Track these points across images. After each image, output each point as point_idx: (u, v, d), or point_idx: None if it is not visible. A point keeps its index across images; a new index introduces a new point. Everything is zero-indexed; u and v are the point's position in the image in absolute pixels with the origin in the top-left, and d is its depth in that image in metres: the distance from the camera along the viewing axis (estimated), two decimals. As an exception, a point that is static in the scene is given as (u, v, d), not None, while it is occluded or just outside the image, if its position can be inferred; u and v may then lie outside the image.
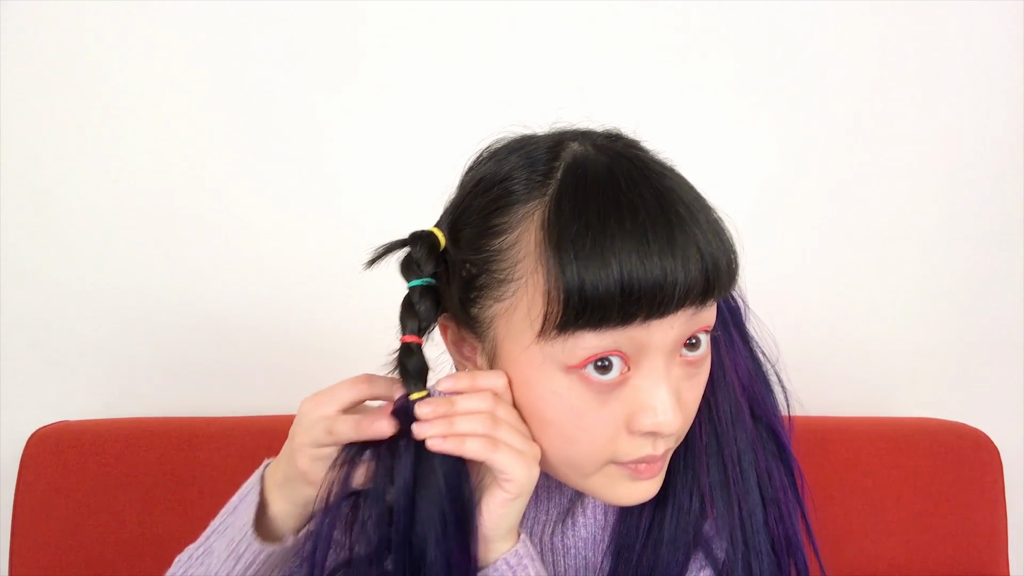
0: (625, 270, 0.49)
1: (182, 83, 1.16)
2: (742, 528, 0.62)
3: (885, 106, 1.24)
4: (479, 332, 0.57)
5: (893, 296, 1.28)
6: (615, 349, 0.52)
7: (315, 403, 0.58)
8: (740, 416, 0.63)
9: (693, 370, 0.56)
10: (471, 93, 1.20)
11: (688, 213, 0.52)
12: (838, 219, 1.26)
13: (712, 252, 0.52)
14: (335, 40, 1.18)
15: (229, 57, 1.17)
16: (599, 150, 0.55)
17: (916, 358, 1.30)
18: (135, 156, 1.17)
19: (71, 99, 1.15)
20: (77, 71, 1.15)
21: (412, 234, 0.59)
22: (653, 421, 0.53)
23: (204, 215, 1.18)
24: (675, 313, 0.52)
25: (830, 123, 1.24)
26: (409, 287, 0.58)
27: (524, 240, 0.53)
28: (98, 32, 1.15)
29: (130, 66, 1.16)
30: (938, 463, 1.10)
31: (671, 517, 0.63)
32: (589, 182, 0.53)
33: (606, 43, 1.20)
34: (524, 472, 0.54)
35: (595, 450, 0.55)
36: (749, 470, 0.63)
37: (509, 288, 0.54)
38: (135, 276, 1.19)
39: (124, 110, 1.16)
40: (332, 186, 1.20)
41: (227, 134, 1.18)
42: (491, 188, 0.56)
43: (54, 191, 1.17)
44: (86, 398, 1.19)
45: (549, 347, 0.52)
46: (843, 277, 1.27)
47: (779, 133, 1.23)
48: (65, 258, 1.18)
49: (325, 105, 1.19)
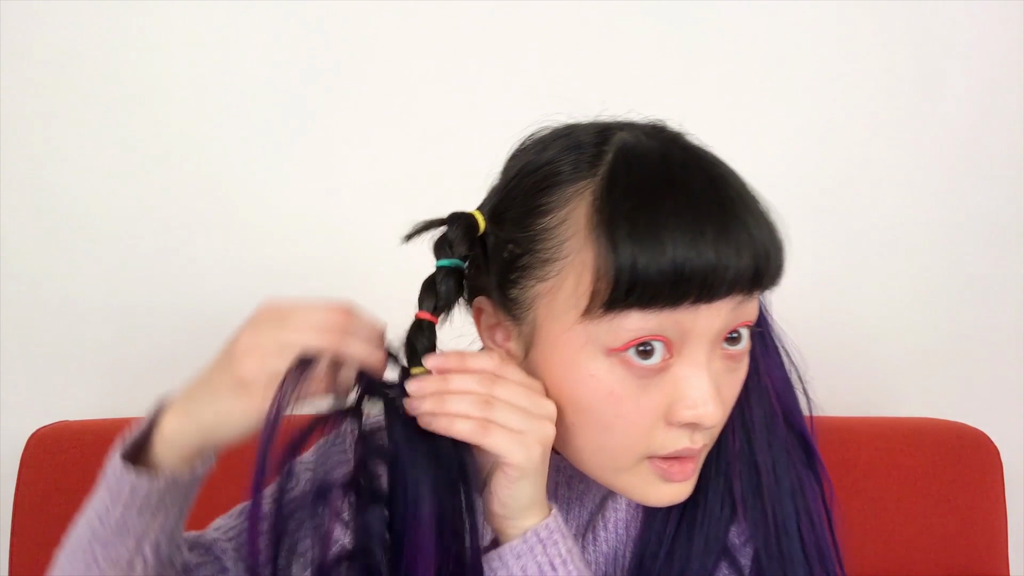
0: (679, 251, 0.49)
1: (182, 83, 1.16)
2: (776, 536, 0.61)
3: (885, 106, 1.24)
4: (517, 314, 0.56)
5: (893, 296, 1.28)
6: (659, 333, 0.51)
7: (280, 325, 0.53)
8: (774, 422, 0.62)
9: (733, 364, 0.56)
10: (471, 93, 1.20)
11: (740, 201, 0.52)
12: (838, 219, 1.26)
13: (763, 241, 0.52)
14: (335, 40, 1.18)
15: (229, 57, 1.17)
16: (649, 137, 0.55)
17: (916, 358, 1.30)
18: (136, 156, 1.17)
19: (71, 99, 1.15)
20: (77, 71, 1.15)
21: (451, 214, 0.58)
22: (694, 412, 0.52)
23: (204, 215, 1.18)
24: (723, 299, 0.51)
25: (831, 123, 1.24)
26: (436, 266, 0.57)
27: (573, 218, 0.53)
28: (98, 32, 1.15)
29: (131, 66, 1.16)
30: (938, 463, 1.10)
31: (701, 523, 0.61)
32: (642, 163, 0.53)
33: (605, 42, 1.20)
34: (521, 454, 0.53)
35: (631, 441, 0.54)
36: (783, 477, 0.62)
37: (554, 267, 0.53)
38: (135, 276, 1.19)
39: (124, 110, 1.16)
40: (333, 186, 1.20)
41: (227, 134, 1.18)
42: (537, 170, 0.56)
43: (54, 191, 1.17)
44: (86, 398, 1.19)
45: (593, 327, 0.52)
46: (843, 277, 1.27)
47: (779, 133, 1.23)
48: (65, 258, 1.18)
49: (326, 105, 1.19)
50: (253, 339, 0.52)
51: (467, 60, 1.19)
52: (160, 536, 0.55)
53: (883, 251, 1.27)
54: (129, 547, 0.54)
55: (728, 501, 0.62)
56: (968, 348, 1.30)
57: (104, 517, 0.54)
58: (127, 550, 0.54)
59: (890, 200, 1.26)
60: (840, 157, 1.25)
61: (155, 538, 0.55)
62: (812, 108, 1.24)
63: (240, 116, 1.17)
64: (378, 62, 1.19)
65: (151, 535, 0.55)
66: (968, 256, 1.28)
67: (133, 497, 0.53)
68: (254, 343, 0.52)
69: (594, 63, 1.21)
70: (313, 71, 1.18)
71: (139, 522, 0.54)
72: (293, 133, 1.19)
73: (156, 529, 0.55)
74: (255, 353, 0.52)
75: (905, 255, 1.27)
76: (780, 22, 1.22)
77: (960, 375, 1.30)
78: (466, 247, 0.57)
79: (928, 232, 1.27)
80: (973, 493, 1.10)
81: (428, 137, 1.20)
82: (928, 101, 1.25)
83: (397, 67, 1.19)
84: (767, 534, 0.61)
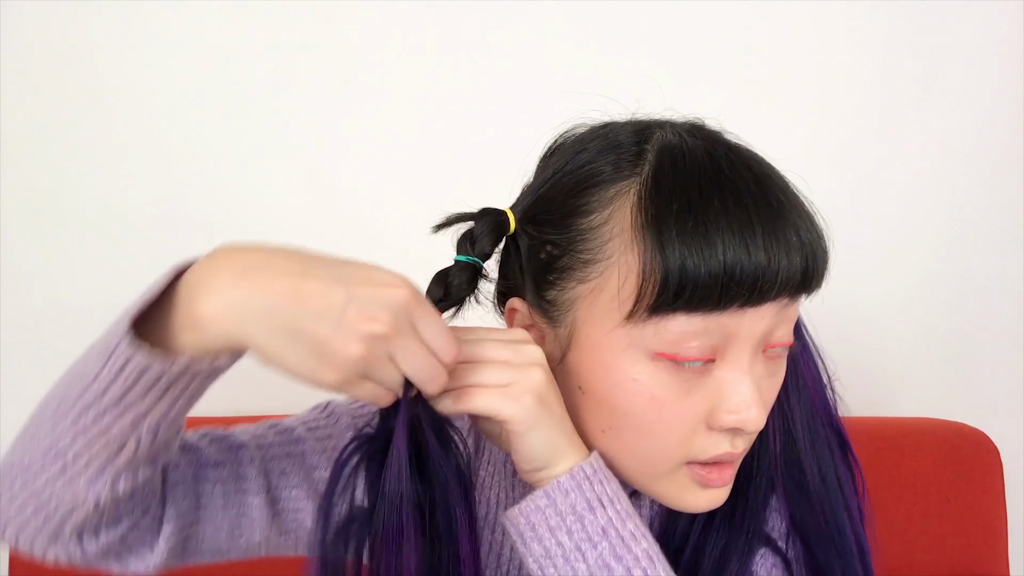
0: (730, 253, 0.48)
1: (183, 83, 1.16)
2: (828, 533, 0.61)
3: (885, 107, 1.24)
4: (554, 316, 0.55)
5: (893, 296, 1.28)
6: (704, 336, 0.50)
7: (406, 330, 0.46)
8: (815, 421, 0.62)
9: (773, 367, 0.55)
10: (471, 93, 1.20)
11: (787, 201, 0.51)
12: (838, 219, 1.25)
13: (812, 241, 0.51)
14: (337, 41, 1.18)
15: (230, 57, 1.17)
16: (690, 135, 0.54)
17: (916, 358, 1.30)
18: (136, 156, 1.17)
19: (71, 99, 1.15)
20: (77, 71, 1.15)
21: (482, 209, 0.57)
22: (737, 417, 0.52)
23: (204, 215, 1.18)
24: (771, 302, 0.50)
25: (831, 123, 1.24)
26: (453, 260, 0.55)
27: (616, 218, 0.51)
28: (98, 32, 1.14)
29: (131, 66, 1.15)
30: (938, 463, 1.10)
31: (740, 525, 0.60)
32: (688, 162, 0.51)
33: (604, 42, 1.20)
34: (511, 407, 0.51)
35: (671, 445, 0.53)
36: (828, 474, 0.62)
37: (596, 268, 0.52)
38: (135, 276, 1.18)
39: (125, 110, 1.16)
40: (334, 186, 1.20)
41: (228, 134, 1.18)
42: (576, 170, 0.54)
43: (54, 191, 1.17)
44: (86, 398, 1.19)
45: (637, 330, 0.51)
46: (842, 277, 1.27)
47: (779, 134, 1.23)
48: (65, 258, 1.18)
49: (327, 105, 1.18)
50: (387, 331, 0.45)
51: (469, 60, 1.19)
52: (162, 421, 0.48)
53: (883, 251, 1.27)
54: (124, 424, 0.47)
55: (770, 502, 0.62)
56: (968, 348, 1.30)
57: (102, 391, 0.46)
58: (122, 427, 0.47)
59: (890, 200, 1.26)
60: (840, 157, 1.25)
61: (156, 421, 0.48)
62: (812, 108, 1.24)
63: (240, 116, 1.17)
64: (379, 61, 1.19)
65: (152, 417, 0.47)
66: (968, 256, 1.28)
67: (139, 377, 0.45)
68: (385, 336, 0.45)
69: (593, 63, 1.21)
70: (313, 70, 1.18)
71: (141, 402, 0.46)
72: (294, 132, 1.18)
73: (159, 412, 0.47)
74: (377, 348, 0.45)
75: (905, 255, 1.27)
76: (780, 22, 1.22)
77: (960, 375, 1.30)
78: (491, 245, 0.56)
79: (928, 232, 1.27)
80: (973, 493, 1.10)
81: (430, 136, 1.20)
82: (928, 101, 1.25)
83: (398, 66, 1.18)
84: (818, 532, 0.60)
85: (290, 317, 0.44)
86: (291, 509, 0.62)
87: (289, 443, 0.63)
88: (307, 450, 0.63)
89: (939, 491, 1.10)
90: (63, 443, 0.48)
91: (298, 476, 0.62)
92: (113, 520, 0.52)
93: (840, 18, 1.22)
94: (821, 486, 0.61)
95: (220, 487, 0.59)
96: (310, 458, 0.63)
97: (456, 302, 0.55)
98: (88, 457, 0.48)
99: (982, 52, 1.24)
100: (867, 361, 1.29)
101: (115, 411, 0.46)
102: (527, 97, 1.19)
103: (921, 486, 1.10)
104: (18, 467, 0.50)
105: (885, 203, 1.26)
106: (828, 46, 1.23)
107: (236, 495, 0.59)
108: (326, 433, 0.65)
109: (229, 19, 1.16)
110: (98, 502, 0.49)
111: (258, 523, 0.60)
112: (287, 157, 1.19)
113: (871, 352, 1.29)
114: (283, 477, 0.62)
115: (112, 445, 0.47)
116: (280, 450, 0.62)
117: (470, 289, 0.56)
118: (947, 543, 1.09)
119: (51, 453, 0.48)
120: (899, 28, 1.23)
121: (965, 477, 1.10)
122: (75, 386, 0.47)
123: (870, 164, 1.25)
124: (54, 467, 0.48)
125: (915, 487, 1.10)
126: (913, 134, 1.25)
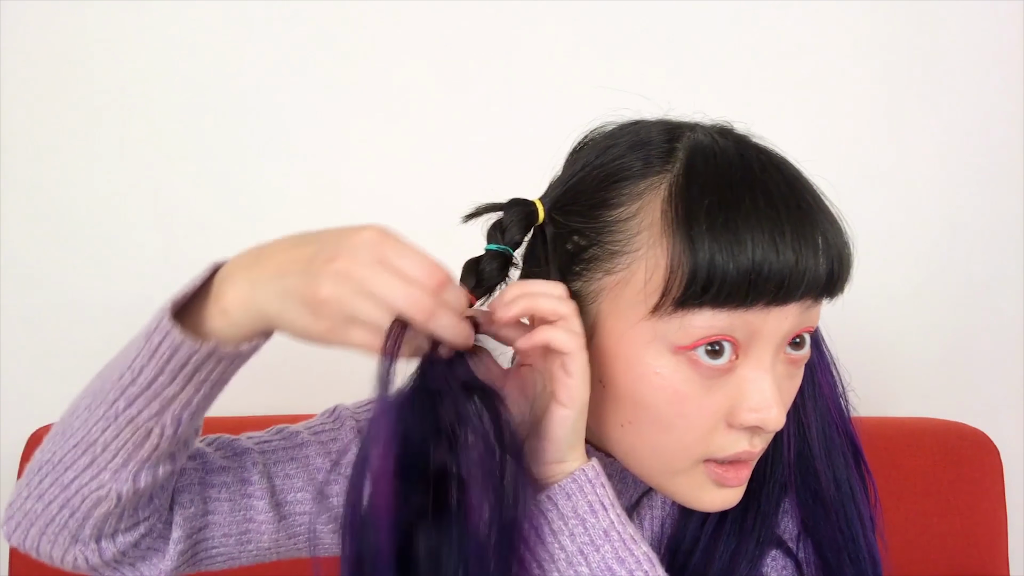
0: (759, 251, 0.48)
1: (182, 83, 1.16)
2: (843, 542, 0.61)
3: (885, 107, 1.25)
4: (579, 307, 0.55)
5: (893, 296, 1.28)
6: (728, 333, 0.51)
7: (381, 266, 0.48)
8: (831, 429, 0.62)
9: (794, 370, 0.55)
10: (471, 93, 1.20)
11: (816, 203, 0.52)
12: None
13: (839, 244, 0.52)
14: (337, 41, 1.18)
15: (230, 57, 1.17)
16: (720, 136, 0.55)
17: (916, 358, 1.30)
18: (136, 156, 1.17)
19: (72, 99, 1.15)
20: (77, 71, 1.15)
21: (511, 199, 0.57)
22: (758, 416, 0.52)
23: (204, 215, 1.18)
24: (796, 302, 0.51)
25: (831, 123, 1.24)
26: (485, 249, 0.56)
27: (645, 212, 0.52)
28: (98, 32, 1.15)
29: (131, 66, 1.16)
30: (938, 463, 1.10)
31: (752, 529, 0.61)
32: (719, 161, 0.52)
33: (603, 42, 1.20)
34: (572, 341, 0.51)
35: (690, 442, 0.53)
36: (843, 482, 0.62)
37: (623, 260, 0.52)
38: (135, 276, 1.19)
39: (125, 110, 1.16)
40: (334, 186, 1.20)
41: (228, 135, 1.18)
42: (606, 164, 0.55)
43: (54, 191, 1.17)
44: (86, 398, 1.19)
45: (662, 324, 0.51)
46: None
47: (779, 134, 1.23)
48: (65, 258, 1.18)
49: (327, 106, 1.19)
50: (349, 266, 0.47)
51: (471, 59, 1.20)
52: (184, 411, 0.53)
53: (883, 251, 1.27)
54: (152, 410, 0.52)
55: (782, 506, 0.62)
56: (968, 348, 1.30)
57: (136, 372, 0.51)
58: (149, 413, 0.52)
59: (890, 200, 1.26)
60: (840, 157, 1.25)
61: (179, 410, 0.53)
62: (811, 108, 1.24)
63: (241, 115, 1.17)
64: (381, 61, 1.19)
65: (176, 405, 0.52)
66: (968, 256, 1.28)
67: (171, 357, 0.50)
68: (348, 271, 0.47)
69: (594, 62, 1.21)
70: (314, 69, 1.18)
71: (169, 387, 0.51)
72: (295, 134, 1.19)
73: (183, 400, 0.52)
74: (344, 284, 0.47)
75: (905, 255, 1.27)
76: (780, 21, 1.22)
77: (960, 375, 1.30)
78: (520, 234, 0.56)
79: (928, 232, 1.27)
80: (973, 493, 1.10)
81: (433, 136, 1.20)
82: (929, 101, 1.25)
83: (400, 66, 1.19)
84: (831, 538, 0.61)
85: (281, 282, 0.50)
86: (297, 512, 0.63)
87: (293, 447, 0.64)
88: (311, 453, 0.64)
89: (939, 491, 1.10)
90: (94, 434, 0.52)
91: (302, 479, 0.63)
92: (131, 523, 0.56)
93: (840, 18, 1.22)
94: (835, 493, 0.61)
95: (226, 492, 0.61)
96: (314, 461, 0.64)
97: (488, 289, 0.56)
98: (116, 447, 0.52)
99: (982, 52, 1.24)
100: (867, 361, 1.29)
101: (145, 397, 0.51)
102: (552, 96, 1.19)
103: (921, 486, 1.10)
104: (48, 465, 0.54)
105: (885, 203, 1.26)
106: (828, 47, 1.23)
107: (241, 499, 0.61)
108: (330, 437, 0.65)
109: (230, 19, 1.16)
110: (120, 496, 0.53)
111: (265, 526, 0.61)
112: (289, 158, 1.19)
113: (871, 352, 1.29)
114: (287, 480, 0.63)
115: (139, 434, 0.52)
116: (284, 454, 0.64)
117: (501, 276, 0.56)
118: (947, 543, 1.09)
119: (82, 446, 0.53)
120: (899, 29, 1.23)
121: (965, 477, 1.10)
122: (109, 379, 0.52)
123: (870, 164, 1.25)
124: (83, 460, 0.53)
125: (915, 487, 1.10)
126: (913, 135, 1.25)
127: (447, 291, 0.49)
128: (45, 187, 1.17)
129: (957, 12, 1.23)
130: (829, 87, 1.23)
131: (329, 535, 0.64)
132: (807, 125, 1.24)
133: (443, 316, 0.49)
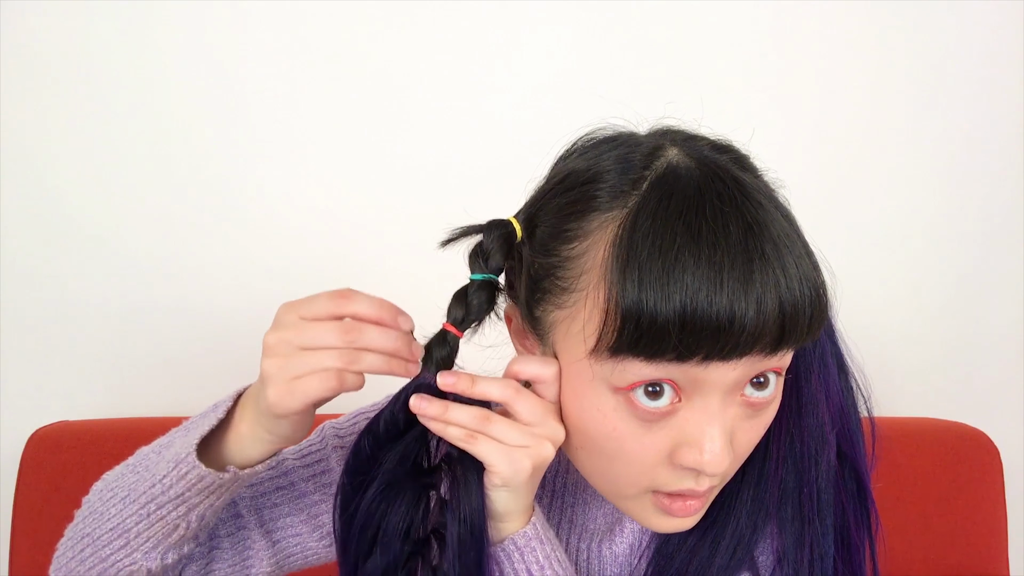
0: (688, 303, 0.46)
1: (183, 83, 1.16)
2: (810, 569, 0.60)
3: (885, 106, 1.24)
4: (540, 334, 0.56)
5: (893, 296, 1.28)
6: (667, 378, 0.49)
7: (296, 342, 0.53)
8: (825, 454, 0.60)
9: (754, 412, 0.53)
10: (471, 93, 1.20)
11: (775, 253, 0.48)
12: (838, 219, 1.26)
13: (793, 299, 0.48)
14: (337, 40, 1.18)
15: (230, 56, 1.17)
16: (699, 163, 0.51)
17: (916, 358, 1.30)
18: (136, 156, 1.17)
19: (72, 99, 1.15)
20: (77, 71, 1.15)
21: (489, 222, 0.56)
22: (697, 459, 0.50)
23: (205, 215, 1.18)
24: (740, 358, 0.48)
25: (831, 123, 1.24)
26: (469, 279, 0.55)
27: (593, 252, 0.51)
28: (98, 32, 1.14)
29: (131, 66, 1.15)
30: (938, 463, 1.10)
31: (728, 545, 0.60)
32: (673, 203, 0.49)
33: (604, 43, 1.20)
34: (508, 467, 0.53)
35: (634, 473, 0.53)
36: (827, 511, 0.61)
37: (571, 298, 0.52)
38: (135, 276, 1.19)
39: (125, 110, 1.16)
40: (334, 186, 1.20)
41: (228, 134, 1.18)
42: (574, 188, 0.53)
43: (54, 191, 1.17)
44: (86, 398, 1.19)
45: (599, 366, 0.50)
46: (842, 277, 1.27)
47: (779, 134, 1.23)
48: (65, 258, 1.18)
49: (328, 106, 1.18)
50: (272, 338, 0.53)
51: (474, 60, 1.19)
52: (207, 510, 0.59)
53: (883, 251, 1.27)
54: (179, 513, 0.58)
55: (761, 527, 0.61)
56: (968, 348, 1.30)
57: (167, 487, 0.57)
58: (177, 515, 0.58)
59: (890, 200, 1.26)
60: (839, 157, 1.25)
61: (203, 511, 0.59)
62: (811, 108, 1.24)
63: (241, 115, 1.17)
64: (383, 61, 1.18)
65: (201, 508, 0.59)
66: (968, 256, 1.28)
67: (196, 483, 0.57)
68: (274, 342, 0.53)
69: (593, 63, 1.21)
70: (317, 70, 1.18)
71: (195, 498, 0.58)
72: (295, 132, 1.18)
73: (207, 504, 0.59)
74: (276, 351, 0.53)
75: (905, 255, 1.27)
76: (780, 21, 1.22)
77: (960, 375, 1.30)
78: (502, 257, 0.55)
79: (928, 232, 1.27)
80: (973, 493, 1.10)
81: (435, 136, 1.20)
82: (928, 101, 1.25)
83: (402, 66, 1.18)
84: (800, 565, 0.60)
85: (257, 405, 0.56)
86: (289, 536, 0.68)
87: (278, 476, 0.69)
88: (296, 480, 0.68)
89: (939, 491, 1.10)
90: (128, 524, 0.59)
91: (289, 506, 0.68)
92: None
93: (840, 18, 1.22)
94: (816, 521, 0.60)
95: (224, 528, 0.67)
96: (299, 486, 0.68)
97: (477, 321, 0.56)
98: (147, 536, 0.59)
99: (982, 52, 1.24)
100: (867, 361, 1.29)
101: (173, 503, 0.57)
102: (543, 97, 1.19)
103: (921, 486, 1.10)
104: (88, 539, 0.61)
105: (885, 203, 1.26)
106: (828, 47, 1.23)
107: (238, 531, 0.67)
108: (315, 459, 0.69)
109: (231, 20, 1.16)
110: (150, 571, 0.60)
111: (262, 553, 0.67)
112: (288, 158, 1.19)
113: (871, 352, 1.28)
114: (274, 509, 0.68)
115: (168, 528, 0.59)
116: (270, 484, 0.68)
117: (490, 307, 0.56)
118: (947, 543, 1.09)
119: (117, 531, 0.60)
120: (899, 29, 1.23)
121: (965, 477, 1.10)
122: (144, 482, 0.59)
123: (870, 164, 1.25)
124: (118, 542, 0.60)
125: (915, 487, 1.10)
126: (913, 135, 1.25)
127: (357, 331, 0.52)
128: (45, 187, 1.17)
129: (957, 12, 1.23)
130: (829, 87, 1.23)
131: (323, 549, 0.69)
132: (807, 125, 1.24)
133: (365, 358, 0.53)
